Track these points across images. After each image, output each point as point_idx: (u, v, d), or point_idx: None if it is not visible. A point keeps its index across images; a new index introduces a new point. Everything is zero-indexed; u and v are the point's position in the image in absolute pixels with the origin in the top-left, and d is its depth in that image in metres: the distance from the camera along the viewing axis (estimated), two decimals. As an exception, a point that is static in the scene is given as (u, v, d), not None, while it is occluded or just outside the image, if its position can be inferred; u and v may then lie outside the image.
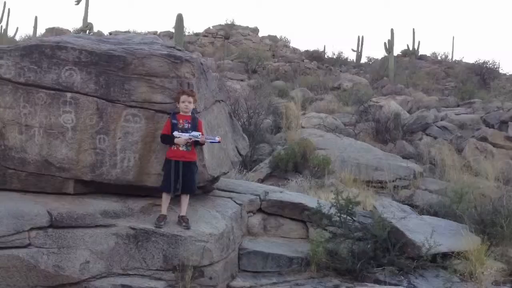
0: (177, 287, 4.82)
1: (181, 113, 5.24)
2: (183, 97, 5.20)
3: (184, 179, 5.17)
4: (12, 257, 4.38)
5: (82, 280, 4.63)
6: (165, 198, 5.22)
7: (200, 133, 5.18)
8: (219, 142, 5.45)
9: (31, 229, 4.58)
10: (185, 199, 5.29)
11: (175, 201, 5.34)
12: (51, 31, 32.00)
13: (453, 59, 36.04)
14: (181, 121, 5.21)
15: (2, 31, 29.06)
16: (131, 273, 4.87)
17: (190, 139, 5.13)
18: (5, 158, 5.22)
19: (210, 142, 5.33)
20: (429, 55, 36.73)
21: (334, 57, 37.85)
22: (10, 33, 29.59)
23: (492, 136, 13.34)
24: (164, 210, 5.21)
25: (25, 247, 4.50)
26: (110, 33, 32.90)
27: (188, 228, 5.10)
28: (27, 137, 5.22)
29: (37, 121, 5.21)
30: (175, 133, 5.12)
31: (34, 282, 4.46)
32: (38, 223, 4.63)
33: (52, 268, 4.52)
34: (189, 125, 5.22)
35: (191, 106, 5.25)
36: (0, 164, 5.23)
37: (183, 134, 5.12)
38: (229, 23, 38.64)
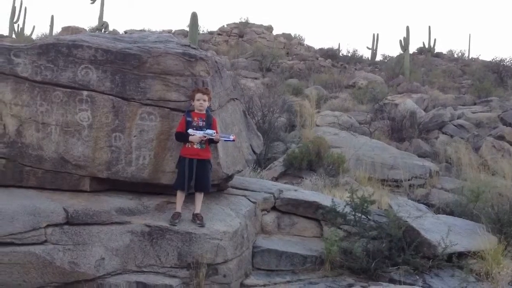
0: (191, 285, 4.84)
1: (195, 111, 5.24)
2: (198, 95, 5.21)
3: (198, 177, 5.18)
4: (29, 254, 4.42)
5: (97, 277, 4.65)
6: (179, 196, 5.24)
7: (214, 131, 5.18)
8: (233, 140, 5.45)
9: (47, 226, 4.61)
10: (199, 197, 5.30)
11: (190, 198, 5.35)
12: (67, 29, 32.32)
13: (470, 57, 35.78)
14: (195, 119, 5.21)
15: (19, 30, 29.44)
16: (145, 270, 4.89)
17: (205, 137, 5.13)
18: (22, 156, 5.28)
19: (225, 140, 5.34)
20: (445, 53, 36.51)
21: (349, 55, 37.78)
22: (27, 31, 29.98)
23: (510, 135, 13.17)
24: (178, 207, 5.23)
25: (41, 243, 4.53)
26: (126, 32, 33.15)
27: (202, 226, 5.11)
28: (43, 134, 5.27)
29: (53, 119, 5.26)
30: (190, 131, 5.13)
31: (50, 279, 4.49)
32: (54, 220, 4.67)
33: (68, 264, 4.56)
34: (204, 123, 5.21)
35: (206, 104, 5.25)
36: (17, 161, 5.29)
37: (198, 132, 5.13)
38: (243, 21, 38.71)
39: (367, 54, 38.16)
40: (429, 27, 37.58)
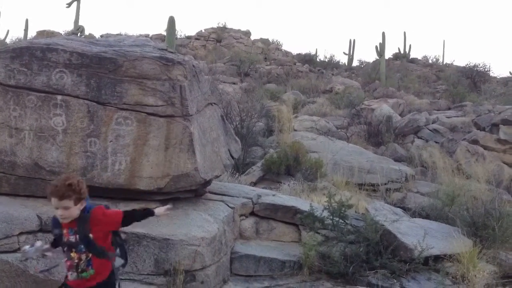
0: (169, 292, 4.77)
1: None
2: (52, 201, 2.93)
3: None
4: (1, 262, 4.32)
5: (72, 285, 4.56)
6: None
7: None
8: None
9: (21, 233, 4.52)
10: None
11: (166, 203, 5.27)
12: (42, 33, 31.84)
13: (444, 62, 36.38)
14: (65, 231, 3.04)
15: (-8, 34, 28.88)
16: (121, 277, 4.78)
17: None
18: (-6, 162, 5.16)
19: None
20: (420, 58, 37.02)
21: (326, 60, 38.08)
22: (1, 36, 29.44)
23: (483, 139, 13.42)
24: None
25: (14, 251, 4.44)
26: (102, 36, 32.79)
27: None
28: (17, 140, 5.16)
29: (27, 124, 5.16)
30: (23, 248, 3.18)
31: (23, 287, 4.39)
32: (27, 227, 4.58)
33: (41, 273, 4.46)
34: (76, 236, 3.02)
35: (72, 211, 2.95)
36: (-11, 167, 5.16)
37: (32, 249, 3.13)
38: (221, 26, 38.68)
39: (344, 60, 38.57)
40: (404, 33, 38.17)
